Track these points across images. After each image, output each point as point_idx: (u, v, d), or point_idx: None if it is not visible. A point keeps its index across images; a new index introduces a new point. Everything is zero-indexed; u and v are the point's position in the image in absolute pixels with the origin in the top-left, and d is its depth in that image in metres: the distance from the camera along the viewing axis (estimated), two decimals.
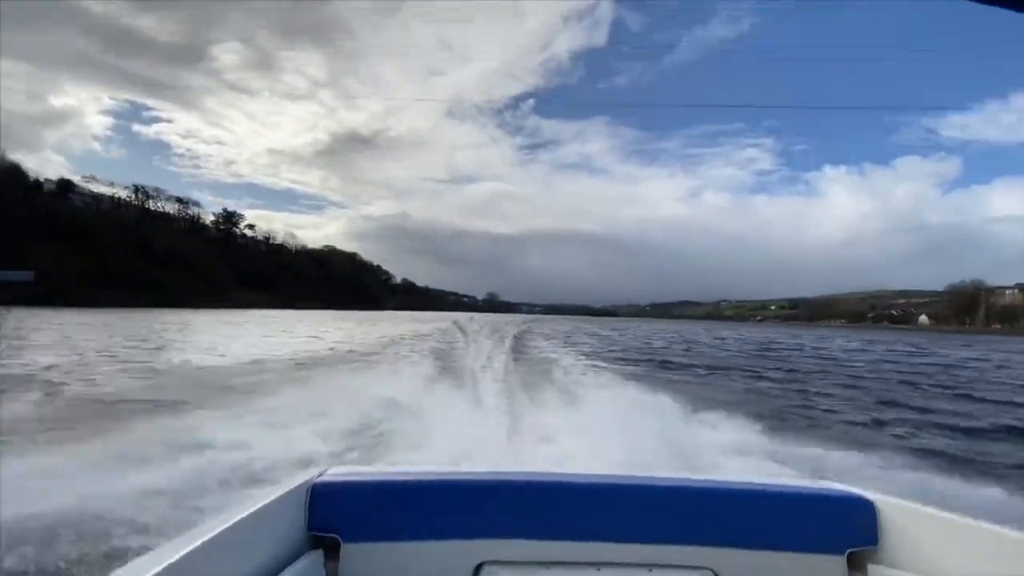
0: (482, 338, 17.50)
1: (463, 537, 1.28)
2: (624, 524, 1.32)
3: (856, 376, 14.47)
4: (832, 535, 1.32)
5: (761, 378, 13.15)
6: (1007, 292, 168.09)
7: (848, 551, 1.32)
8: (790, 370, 15.55)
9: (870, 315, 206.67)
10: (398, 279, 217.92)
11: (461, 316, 49.91)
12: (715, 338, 36.94)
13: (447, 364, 10.63)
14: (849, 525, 1.33)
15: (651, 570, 1.30)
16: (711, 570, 1.31)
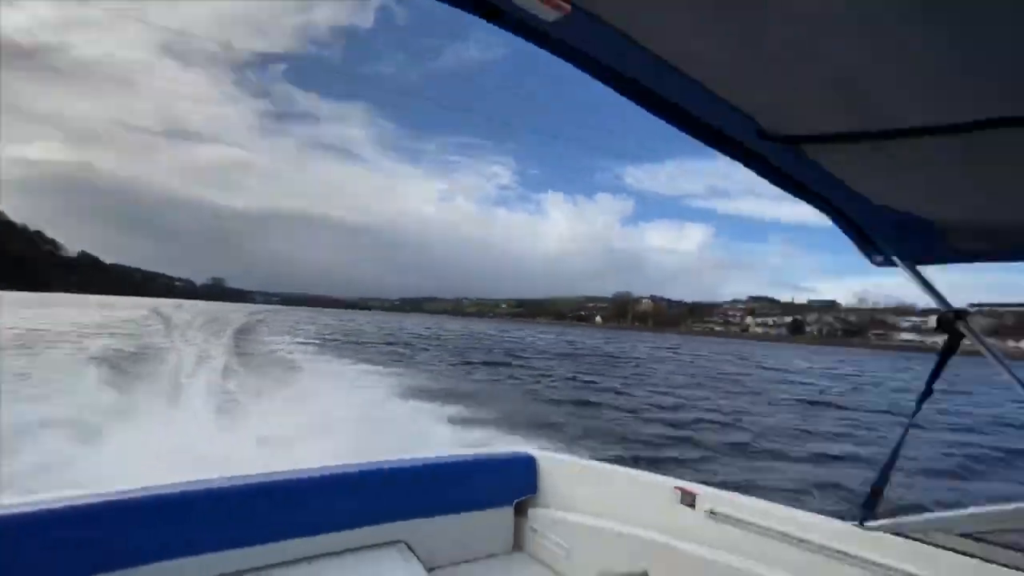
0: (193, 331, 16.63)
1: (144, 563, 1.15)
2: (315, 517, 1.35)
3: (459, 344, 23.42)
4: (503, 490, 1.62)
5: (409, 346, 20.14)
6: (643, 300, 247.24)
7: (515, 501, 1.62)
8: (438, 344, 23.16)
9: (569, 315, 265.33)
10: (72, 251, 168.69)
11: (167, 303, 43.48)
12: (425, 328, 45.56)
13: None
14: (516, 480, 1.64)
15: (342, 556, 1.36)
16: (404, 542, 1.44)
